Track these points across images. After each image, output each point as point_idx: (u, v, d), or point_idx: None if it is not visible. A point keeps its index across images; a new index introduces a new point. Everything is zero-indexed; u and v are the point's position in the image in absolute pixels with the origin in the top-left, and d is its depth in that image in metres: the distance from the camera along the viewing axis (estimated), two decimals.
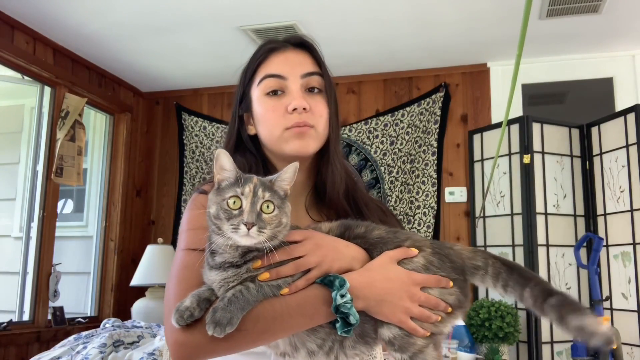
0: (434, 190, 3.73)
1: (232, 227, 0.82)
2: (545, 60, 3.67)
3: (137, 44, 3.52)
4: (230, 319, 0.79)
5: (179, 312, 0.82)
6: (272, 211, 0.84)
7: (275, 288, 0.85)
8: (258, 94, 1.08)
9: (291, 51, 1.10)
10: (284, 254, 0.86)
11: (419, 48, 3.56)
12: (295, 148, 1.05)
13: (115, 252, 3.99)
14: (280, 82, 1.07)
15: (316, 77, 1.09)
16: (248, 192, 0.84)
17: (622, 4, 2.97)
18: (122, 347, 2.63)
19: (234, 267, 0.85)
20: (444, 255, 0.92)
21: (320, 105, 1.08)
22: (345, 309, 0.84)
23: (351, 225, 0.96)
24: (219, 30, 3.31)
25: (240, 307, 0.81)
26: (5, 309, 3.39)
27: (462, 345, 2.93)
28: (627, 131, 3.18)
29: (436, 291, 0.89)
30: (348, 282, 0.86)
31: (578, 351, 2.75)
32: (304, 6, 3.02)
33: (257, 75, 1.09)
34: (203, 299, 0.84)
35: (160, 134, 4.39)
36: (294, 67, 1.08)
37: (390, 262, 0.90)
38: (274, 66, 1.08)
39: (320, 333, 0.88)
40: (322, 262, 0.88)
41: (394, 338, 0.87)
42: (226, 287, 0.84)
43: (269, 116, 1.06)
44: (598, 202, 3.36)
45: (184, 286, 0.89)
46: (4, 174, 4.07)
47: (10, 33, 3.19)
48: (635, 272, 3.06)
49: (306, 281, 0.87)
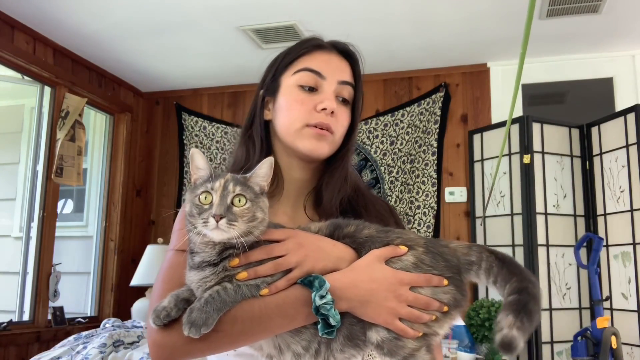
0: (434, 190, 3.73)
1: (203, 221, 0.81)
2: (545, 60, 3.67)
3: (137, 44, 3.52)
4: (206, 319, 0.78)
5: (155, 312, 0.82)
6: (243, 204, 0.83)
7: (254, 288, 0.83)
8: (291, 83, 1.07)
9: (336, 55, 1.10)
10: (262, 252, 0.85)
11: (419, 48, 3.56)
12: (310, 148, 1.04)
13: (115, 252, 3.99)
14: (318, 79, 1.06)
15: (350, 88, 1.09)
16: (218, 187, 0.83)
17: (622, 4, 2.97)
18: (122, 347, 2.63)
19: (211, 266, 0.83)
20: (437, 253, 0.88)
21: (345, 116, 1.09)
22: (325, 310, 0.82)
23: (341, 224, 0.94)
24: (219, 30, 3.31)
25: (216, 307, 0.79)
26: (5, 309, 3.39)
27: (462, 345, 2.93)
28: (627, 131, 3.18)
29: (428, 290, 0.85)
30: (328, 283, 0.83)
31: (578, 351, 2.75)
32: (304, 6, 3.02)
33: (295, 64, 1.08)
34: (181, 299, 0.83)
35: (160, 134, 4.39)
36: (335, 70, 1.08)
37: (377, 261, 0.87)
38: (316, 62, 1.07)
39: (304, 335, 0.86)
40: (304, 262, 0.86)
41: (382, 341, 0.84)
42: (204, 287, 0.82)
43: (296, 107, 1.05)
44: (598, 202, 3.36)
45: (167, 287, 0.88)
46: (4, 174, 4.07)
47: (10, 33, 3.19)
48: (635, 272, 3.06)
49: (287, 281, 0.84)
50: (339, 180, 1.09)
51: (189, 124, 4.28)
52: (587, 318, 3.27)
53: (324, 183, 1.10)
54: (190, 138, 4.26)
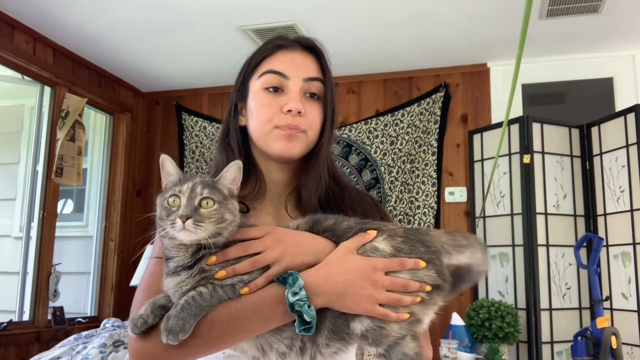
0: (434, 190, 3.73)
1: (170, 223, 0.82)
2: (545, 60, 3.67)
3: (137, 44, 3.52)
4: (183, 325, 0.78)
5: (133, 321, 0.82)
6: (211, 206, 0.83)
7: (230, 290, 0.83)
8: (257, 87, 1.07)
9: (299, 52, 1.08)
10: (240, 249, 0.85)
11: (419, 48, 3.56)
12: (281, 149, 1.04)
13: (115, 252, 3.99)
14: (282, 80, 1.05)
15: (317, 84, 1.08)
16: (186, 190, 0.83)
17: (622, 4, 2.97)
18: (122, 347, 2.63)
19: (187, 269, 0.83)
20: (417, 240, 0.88)
21: (315, 112, 1.07)
22: (299, 307, 0.81)
23: (319, 219, 0.94)
24: (219, 30, 3.31)
25: (193, 313, 0.79)
26: (5, 309, 3.39)
27: (462, 345, 2.93)
28: (627, 131, 3.18)
29: (406, 274, 0.86)
30: (301, 280, 0.83)
31: (578, 351, 2.75)
32: (304, 6, 3.02)
33: (260, 68, 1.08)
34: (158, 306, 0.83)
35: (160, 134, 4.39)
36: (299, 69, 1.06)
37: (349, 253, 0.87)
38: (278, 63, 1.06)
39: (286, 333, 0.85)
40: (282, 258, 0.85)
41: (366, 331, 0.84)
42: (181, 292, 0.82)
43: (262, 110, 1.05)
44: (598, 202, 3.36)
45: (147, 295, 0.88)
46: (4, 174, 4.07)
47: (10, 33, 3.19)
48: (635, 272, 3.06)
49: (265, 278, 0.84)
50: (315, 178, 1.08)
51: (189, 124, 4.28)
52: (587, 318, 3.27)
53: (303, 183, 1.09)
54: (190, 138, 4.26)
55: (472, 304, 3.26)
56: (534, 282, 3.18)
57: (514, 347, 3.26)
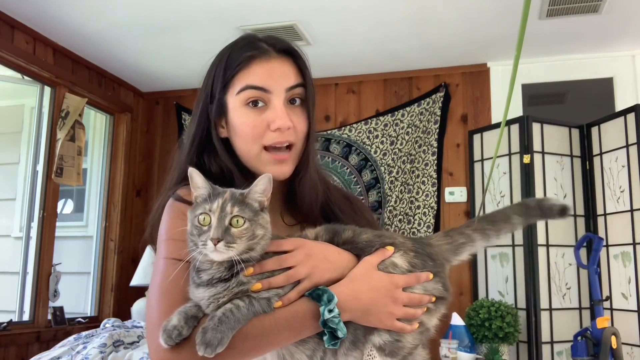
0: (434, 190, 3.73)
1: (202, 243, 0.82)
2: (545, 60, 3.67)
3: (137, 44, 3.52)
4: (221, 339, 0.78)
5: (166, 332, 0.81)
6: (241, 225, 0.83)
7: (266, 303, 0.84)
8: (236, 104, 1.02)
9: (275, 60, 1.03)
10: (275, 263, 0.86)
11: (419, 48, 3.56)
12: (273, 173, 1.00)
13: (115, 252, 3.99)
14: (263, 94, 1.01)
15: (300, 89, 1.04)
16: (216, 208, 0.83)
17: (622, 4, 2.97)
18: (122, 347, 2.63)
19: (223, 282, 0.84)
20: (426, 255, 0.94)
21: (301, 119, 1.04)
22: (333, 324, 0.84)
23: (338, 230, 0.96)
24: (218, 30, 3.31)
25: (230, 326, 0.80)
26: (5, 309, 3.39)
27: (462, 345, 2.92)
28: (627, 131, 3.18)
29: (419, 288, 0.92)
30: (336, 297, 0.86)
31: (578, 351, 2.75)
32: (304, 6, 3.02)
33: (236, 82, 1.02)
34: (190, 317, 0.83)
35: (160, 134, 4.39)
36: (279, 80, 1.02)
37: (372, 269, 0.91)
38: (257, 77, 1.01)
39: (309, 344, 0.88)
40: (313, 274, 0.88)
41: (384, 344, 0.89)
42: (216, 304, 0.83)
43: (248, 131, 1.01)
44: (598, 202, 3.36)
45: (168, 301, 0.87)
46: (4, 174, 4.07)
47: (10, 33, 3.19)
48: (635, 272, 3.06)
49: (297, 293, 0.86)
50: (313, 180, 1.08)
51: None
52: (587, 318, 3.27)
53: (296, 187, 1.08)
54: None
55: (472, 304, 3.26)
56: (534, 282, 3.18)
57: (514, 347, 3.26)
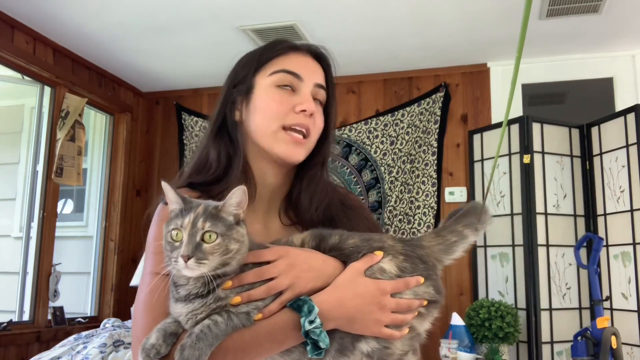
0: (434, 190, 3.73)
1: (174, 260, 0.81)
2: (545, 60, 3.67)
3: (137, 44, 3.52)
4: (199, 356, 0.78)
5: (145, 351, 0.80)
6: (214, 240, 0.81)
7: (245, 317, 0.82)
8: (267, 83, 1.06)
9: (310, 59, 1.10)
10: (255, 275, 0.85)
11: (419, 48, 3.56)
12: (287, 153, 1.03)
13: (115, 252, 3.99)
14: (295, 81, 1.05)
15: (324, 92, 1.10)
16: (187, 224, 0.82)
17: (622, 4, 2.97)
18: (122, 347, 2.63)
19: (200, 297, 0.82)
20: (416, 257, 0.91)
21: (320, 118, 1.09)
22: (315, 335, 0.82)
23: (324, 235, 0.94)
24: (219, 30, 3.31)
25: (208, 343, 0.79)
26: (5, 309, 3.39)
27: (462, 345, 2.93)
28: (627, 131, 3.18)
29: (409, 293, 0.89)
30: (317, 307, 0.84)
31: (578, 351, 2.75)
32: (304, 6, 3.02)
33: (271, 65, 1.07)
34: (169, 334, 0.82)
35: (160, 134, 4.39)
36: (311, 73, 1.08)
37: (358, 275, 0.88)
38: (293, 64, 1.07)
39: (294, 354, 0.86)
40: (295, 284, 0.86)
41: (372, 352, 0.86)
42: (194, 320, 0.82)
43: (274, 106, 1.04)
44: (598, 202, 3.36)
45: (152, 315, 0.87)
46: (4, 174, 4.07)
47: (10, 33, 3.19)
48: (635, 272, 3.06)
49: (279, 304, 0.85)
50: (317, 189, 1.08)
51: (189, 124, 4.28)
52: (587, 318, 3.27)
53: (301, 191, 1.09)
54: (190, 138, 4.26)
55: (472, 304, 3.26)
56: (534, 282, 3.18)
57: (514, 347, 3.26)
